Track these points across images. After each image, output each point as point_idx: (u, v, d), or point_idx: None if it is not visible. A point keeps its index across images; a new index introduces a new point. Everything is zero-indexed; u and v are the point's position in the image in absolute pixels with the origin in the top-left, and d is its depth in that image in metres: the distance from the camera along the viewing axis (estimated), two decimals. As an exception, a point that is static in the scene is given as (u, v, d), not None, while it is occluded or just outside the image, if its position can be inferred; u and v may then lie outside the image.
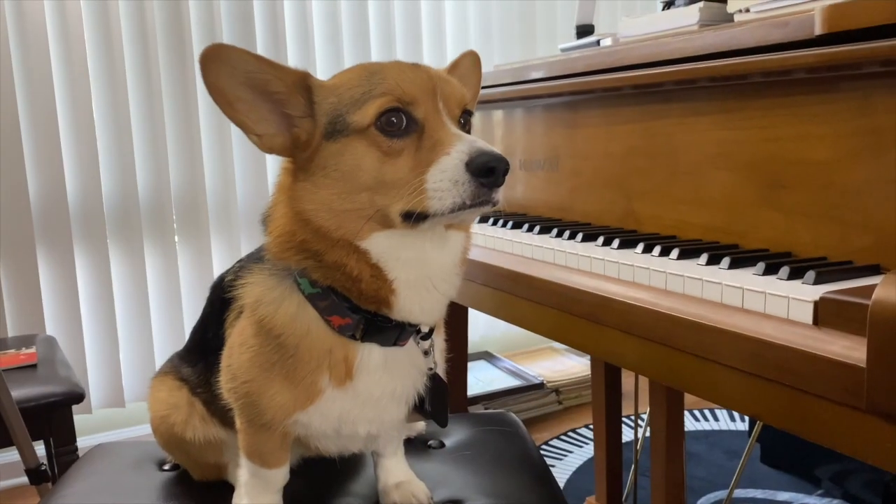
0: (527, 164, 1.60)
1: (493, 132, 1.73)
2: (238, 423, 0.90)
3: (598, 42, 1.66)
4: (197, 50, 2.63)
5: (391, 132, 0.76)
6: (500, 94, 1.63)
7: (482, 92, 1.70)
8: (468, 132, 0.82)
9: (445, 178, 0.72)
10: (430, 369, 0.89)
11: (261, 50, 2.76)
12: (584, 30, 1.98)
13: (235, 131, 2.73)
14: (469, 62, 0.97)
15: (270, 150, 0.80)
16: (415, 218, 0.75)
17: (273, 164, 2.81)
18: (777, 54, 0.98)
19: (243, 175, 2.77)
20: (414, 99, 0.76)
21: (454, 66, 0.95)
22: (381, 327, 0.82)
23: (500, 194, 0.75)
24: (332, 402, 0.84)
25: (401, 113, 0.76)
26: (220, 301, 0.93)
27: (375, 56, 2.97)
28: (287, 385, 0.83)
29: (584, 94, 1.40)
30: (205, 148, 2.69)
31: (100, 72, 2.51)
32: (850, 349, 0.71)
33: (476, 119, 1.79)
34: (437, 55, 3.11)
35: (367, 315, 0.82)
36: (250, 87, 0.78)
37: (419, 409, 0.89)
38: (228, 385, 0.88)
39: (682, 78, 1.14)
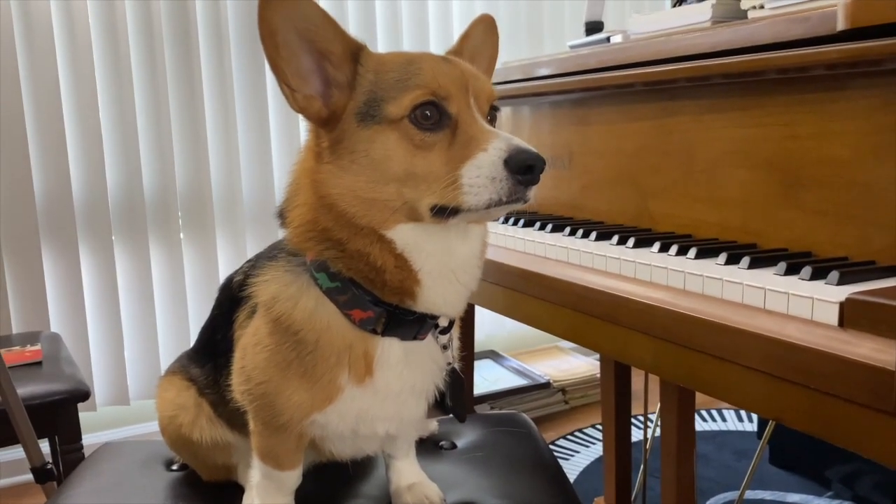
0: (537, 161, 1.58)
1: (501, 129, 1.71)
2: (252, 425, 0.89)
3: (608, 39, 1.64)
4: (203, 46, 2.62)
5: (424, 126, 0.75)
6: (509, 90, 1.61)
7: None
8: (494, 126, 0.81)
9: (482, 174, 0.72)
10: (449, 364, 0.88)
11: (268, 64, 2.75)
12: (594, 27, 1.96)
13: (241, 126, 2.72)
14: (482, 30, 0.93)
15: (301, 111, 0.78)
16: (447, 213, 0.74)
17: (279, 161, 2.80)
18: (798, 50, 0.96)
19: (249, 171, 2.76)
20: (449, 93, 0.76)
21: (466, 38, 0.92)
22: (403, 320, 0.81)
23: (533, 192, 0.74)
24: (350, 401, 0.82)
25: (435, 107, 0.75)
26: (230, 301, 0.92)
27: (382, 53, 2.95)
28: (305, 384, 0.81)
29: (597, 91, 1.38)
30: (210, 144, 2.68)
31: (105, 67, 2.49)
32: (878, 351, 0.70)
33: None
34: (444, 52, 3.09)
35: (388, 308, 0.80)
36: (305, 38, 0.75)
37: (439, 404, 0.88)
38: (243, 387, 0.86)
39: (700, 74, 1.12)
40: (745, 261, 0.94)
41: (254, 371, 0.84)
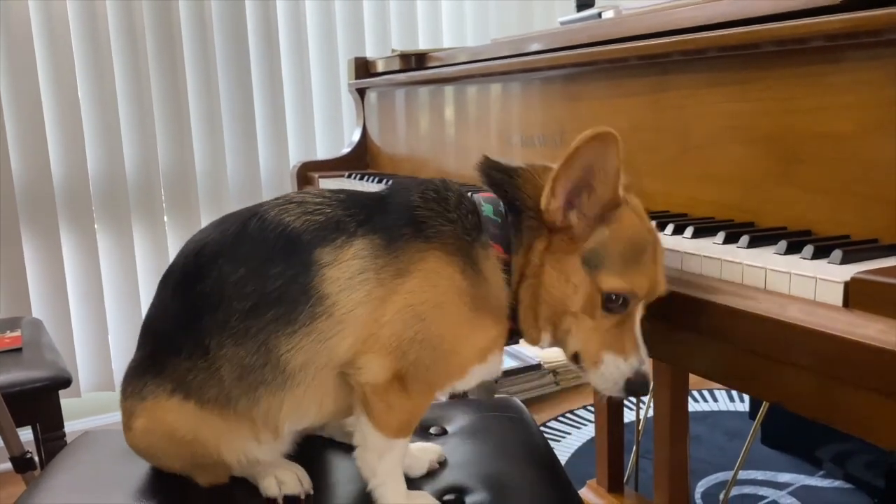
0: (526, 140, 1.55)
1: (489, 107, 1.68)
2: (406, 387, 0.86)
3: (599, 14, 1.60)
4: (185, 27, 2.56)
5: (608, 306, 0.84)
6: (499, 67, 1.57)
7: (479, 65, 1.65)
8: None
9: (608, 375, 0.85)
10: None
11: (252, 44, 2.70)
12: (585, 2, 1.93)
13: (225, 108, 2.66)
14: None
15: (545, 211, 0.86)
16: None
17: (263, 142, 2.75)
18: (799, 21, 0.93)
19: (233, 153, 2.71)
20: (643, 296, 0.85)
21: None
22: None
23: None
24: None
25: (626, 300, 0.84)
26: (293, 246, 0.88)
27: (370, 41, 2.90)
28: (489, 327, 0.87)
29: (588, 66, 1.34)
30: (194, 125, 2.62)
31: (84, 47, 2.43)
32: (885, 333, 0.67)
33: (473, 93, 1.74)
34: (432, 29, 3.04)
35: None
36: (593, 171, 0.83)
37: None
38: (413, 335, 0.84)
39: (695, 48, 1.09)
40: (744, 239, 0.91)
41: (448, 312, 0.85)
